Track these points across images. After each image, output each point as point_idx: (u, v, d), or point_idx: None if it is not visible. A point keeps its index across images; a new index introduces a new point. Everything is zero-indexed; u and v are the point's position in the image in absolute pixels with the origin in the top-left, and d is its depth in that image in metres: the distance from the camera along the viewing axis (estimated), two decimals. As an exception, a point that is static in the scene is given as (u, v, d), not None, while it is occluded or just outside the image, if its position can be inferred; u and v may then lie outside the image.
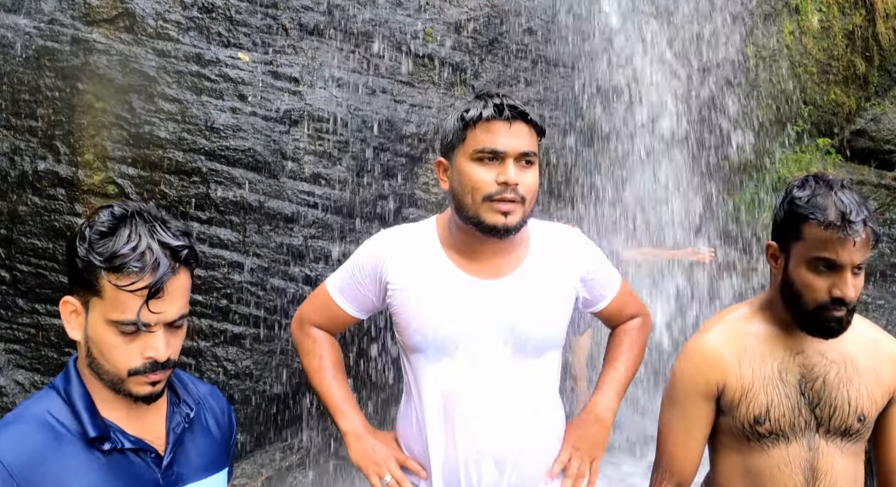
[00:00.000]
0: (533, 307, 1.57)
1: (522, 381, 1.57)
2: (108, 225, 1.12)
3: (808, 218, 1.40)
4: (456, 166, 1.54)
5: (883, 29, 4.77)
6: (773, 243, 1.51)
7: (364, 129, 3.56)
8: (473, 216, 1.50)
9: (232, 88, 3.38)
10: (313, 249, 3.42)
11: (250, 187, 3.35)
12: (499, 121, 1.49)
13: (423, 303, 1.56)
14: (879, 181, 4.33)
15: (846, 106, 4.61)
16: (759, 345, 1.53)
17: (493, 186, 1.47)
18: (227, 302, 3.33)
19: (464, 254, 1.58)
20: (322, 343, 1.73)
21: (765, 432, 1.50)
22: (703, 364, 1.53)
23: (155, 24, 3.39)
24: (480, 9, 3.87)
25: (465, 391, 1.55)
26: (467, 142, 1.51)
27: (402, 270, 1.60)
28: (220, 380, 3.34)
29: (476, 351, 1.55)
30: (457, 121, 1.54)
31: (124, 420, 1.18)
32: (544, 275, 1.61)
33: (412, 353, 1.60)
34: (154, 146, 3.29)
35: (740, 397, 1.50)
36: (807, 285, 1.43)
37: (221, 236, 3.33)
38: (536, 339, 1.57)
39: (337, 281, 1.71)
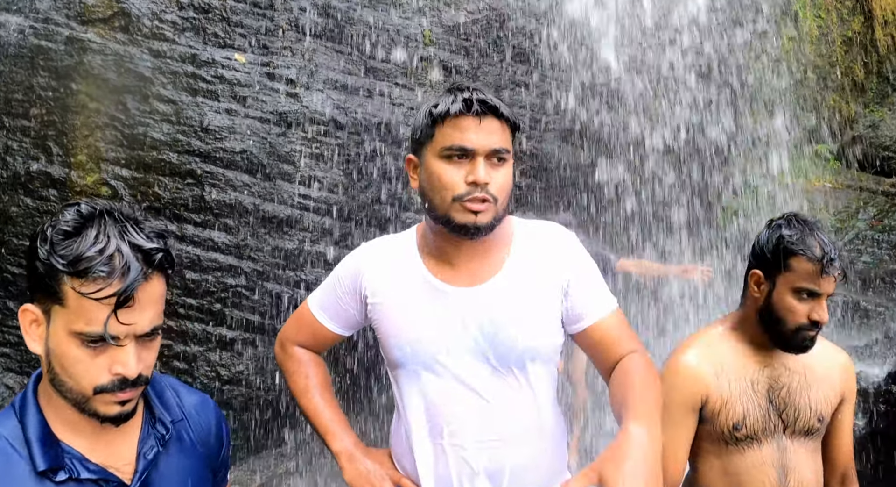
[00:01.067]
0: (513, 316, 1.48)
1: (509, 395, 1.49)
2: (73, 225, 0.99)
3: (796, 253, 1.66)
4: (425, 165, 1.45)
5: (881, 35, 4.77)
6: (759, 272, 1.74)
7: (361, 132, 3.53)
8: (443, 216, 1.43)
9: (228, 89, 3.35)
10: (309, 253, 3.39)
11: (245, 189, 3.32)
12: (468, 117, 1.39)
13: (399, 316, 1.51)
14: (878, 188, 4.33)
15: (844, 112, 4.60)
16: (733, 360, 1.77)
17: (462, 186, 1.40)
18: (221, 306, 3.30)
19: (440, 260, 1.52)
20: (306, 363, 1.67)
21: (742, 436, 1.73)
22: (688, 379, 1.73)
23: (150, 25, 3.37)
24: (479, 11, 3.86)
25: (450, 406, 1.49)
26: (436, 139, 1.42)
27: (380, 283, 1.55)
28: (213, 385, 3.31)
29: (456, 365, 1.48)
30: (425, 117, 1.45)
31: (88, 445, 1.07)
32: (526, 279, 1.51)
33: (395, 368, 1.55)
34: (148, 148, 3.27)
35: (720, 407, 1.72)
36: (790, 309, 1.68)
37: (216, 240, 3.30)
38: (519, 350, 1.48)
39: (318, 298, 1.66)
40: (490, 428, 1.48)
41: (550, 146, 4.09)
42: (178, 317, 3.29)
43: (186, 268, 3.27)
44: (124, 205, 3.20)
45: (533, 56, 3.96)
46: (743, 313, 1.80)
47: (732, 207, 4.23)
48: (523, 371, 1.49)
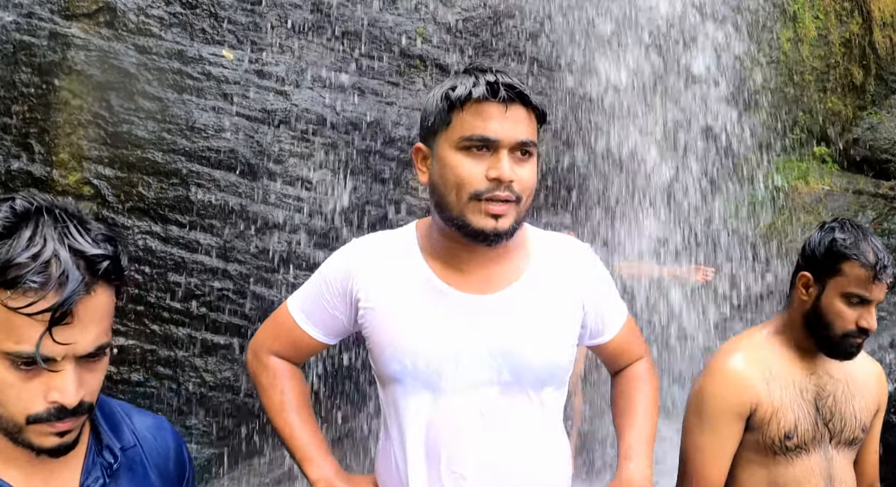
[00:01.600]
0: (531, 330, 1.31)
1: (520, 419, 1.32)
2: (5, 224, 0.84)
3: (850, 258, 1.62)
4: (438, 155, 1.27)
5: (879, 37, 4.73)
6: (808, 275, 1.70)
7: (352, 131, 3.46)
8: (457, 217, 1.24)
9: (215, 86, 3.27)
10: (297, 255, 3.31)
11: (232, 189, 3.24)
12: (492, 103, 1.22)
13: (398, 324, 1.32)
14: (876, 191, 4.28)
15: (843, 114, 4.56)
16: (781, 367, 1.71)
17: (482, 182, 1.22)
18: (207, 310, 3.22)
19: (448, 264, 1.33)
20: (283, 376, 1.45)
21: (792, 446, 1.67)
22: (736, 385, 1.67)
23: (136, 20, 3.30)
24: (474, 9, 3.80)
25: (452, 429, 1.30)
26: (452, 127, 1.24)
27: (375, 285, 1.35)
28: (199, 392, 3.23)
29: (463, 382, 1.30)
30: (440, 100, 1.27)
31: (24, 477, 0.93)
32: (547, 290, 1.35)
33: (388, 384, 1.36)
34: (132, 146, 3.19)
35: (771, 415, 1.66)
36: (839, 314, 1.64)
37: (201, 241, 3.22)
38: (536, 368, 1.31)
39: (300, 300, 1.44)
40: (495, 454, 1.31)
41: (545, 147, 4.04)
42: (162, 321, 3.21)
43: (171, 270, 3.19)
44: (69, 201, 3.12)
45: (528, 55, 3.89)
46: (788, 316, 1.75)
47: (731, 209, 4.18)
48: (537, 393, 1.33)
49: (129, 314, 3.19)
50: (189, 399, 3.24)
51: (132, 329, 3.20)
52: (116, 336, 3.18)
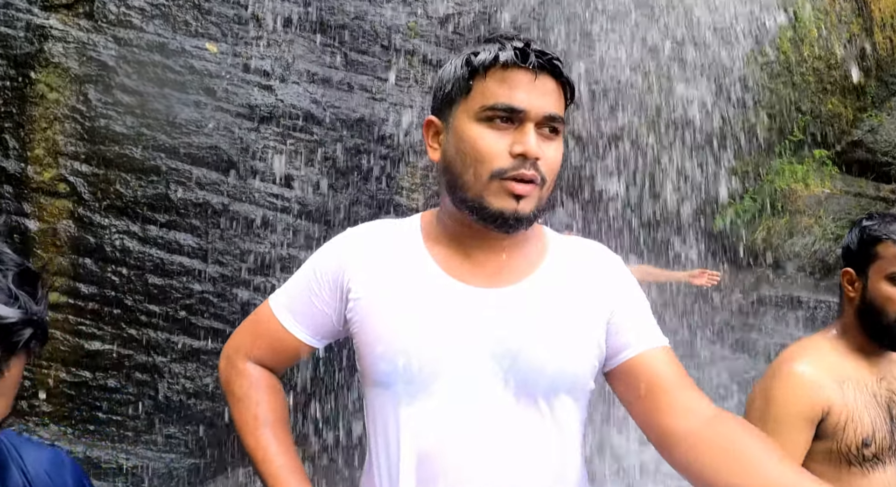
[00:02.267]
0: (545, 330, 1.13)
1: (530, 433, 1.13)
2: None
3: (882, 239, 1.61)
4: (454, 128, 1.12)
5: (880, 39, 4.66)
6: (850, 270, 1.69)
7: (340, 128, 3.34)
8: (474, 198, 1.09)
9: (197, 80, 3.16)
10: (281, 257, 3.21)
11: (214, 188, 3.13)
12: (521, 70, 1.08)
13: (390, 318, 1.14)
14: (877, 194, 4.22)
15: (843, 117, 4.49)
16: (851, 370, 1.65)
17: (505, 158, 1.08)
18: (186, 314, 3.11)
19: (453, 252, 1.17)
20: (260, 387, 1.27)
21: (869, 455, 1.58)
22: (807, 388, 1.59)
23: (117, 11, 3.20)
24: (468, 3, 3.70)
25: (453, 445, 1.12)
26: (473, 95, 1.10)
27: (367, 275, 1.18)
28: (177, 399, 3.11)
29: (463, 388, 1.12)
30: (461, 66, 1.12)
31: None
32: (566, 288, 1.18)
33: (376, 388, 1.17)
34: (110, 142, 3.08)
35: (846, 420, 1.58)
36: (888, 297, 1.60)
37: (181, 242, 3.11)
38: (548, 375, 1.13)
39: (284, 297, 1.28)
40: (502, 476, 1.12)
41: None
42: (139, 325, 3.09)
43: (149, 272, 3.07)
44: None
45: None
46: (844, 319, 1.73)
47: (730, 212, 4.10)
48: (550, 404, 1.14)
49: (106, 318, 3.07)
50: (167, 407, 3.12)
51: (108, 333, 3.08)
52: (92, 341, 3.06)
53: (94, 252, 3.07)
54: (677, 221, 3.94)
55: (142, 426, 3.12)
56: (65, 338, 3.05)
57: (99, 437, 3.10)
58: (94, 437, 3.10)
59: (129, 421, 3.12)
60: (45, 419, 3.06)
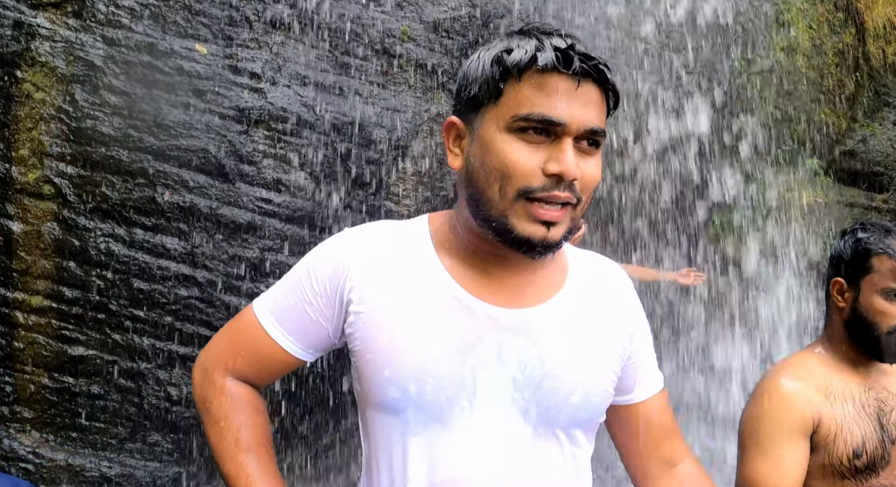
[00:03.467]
0: (569, 357, 1.04)
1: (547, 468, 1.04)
2: None
3: (878, 253, 1.60)
4: (480, 136, 0.98)
5: (873, 48, 4.68)
6: (841, 280, 1.68)
7: (330, 132, 3.30)
8: (498, 219, 0.97)
9: (186, 82, 3.11)
10: (270, 262, 3.15)
11: (201, 191, 3.07)
12: (561, 75, 0.94)
13: (400, 337, 1.01)
14: (869, 203, 4.24)
15: (836, 126, 4.50)
16: (839, 383, 1.65)
17: (537, 176, 0.94)
18: (172, 319, 3.05)
19: (469, 267, 1.05)
20: (241, 407, 1.12)
21: (862, 466, 1.58)
22: (796, 402, 1.60)
23: (106, 10, 3.15)
24: (461, 8, 3.68)
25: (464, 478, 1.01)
26: (504, 100, 0.96)
27: (373, 284, 1.05)
28: (162, 406, 3.05)
29: (481, 418, 1.01)
30: (490, 64, 0.97)
31: None
32: (589, 312, 1.09)
33: (381, 414, 1.04)
34: (96, 143, 3.03)
35: (836, 432, 1.58)
36: (880, 311, 1.60)
37: (167, 246, 3.05)
38: (572, 406, 1.04)
39: (272, 301, 1.13)
40: None
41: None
42: (124, 331, 3.03)
43: (134, 276, 3.01)
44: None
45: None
46: (830, 331, 1.73)
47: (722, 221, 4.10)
48: (569, 437, 1.06)
49: (90, 323, 3.01)
50: (152, 414, 3.06)
51: (92, 339, 3.02)
52: (75, 346, 3.01)
53: (79, 255, 3.01)
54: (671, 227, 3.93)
55: (125, 433, 3.06)
56: (47, 343, 2.99)
57: (81, 445, 3.04)
58: (76, 445, 3.03)
59: (112, 428, 3.06)
60: (27, 426, 2.99)
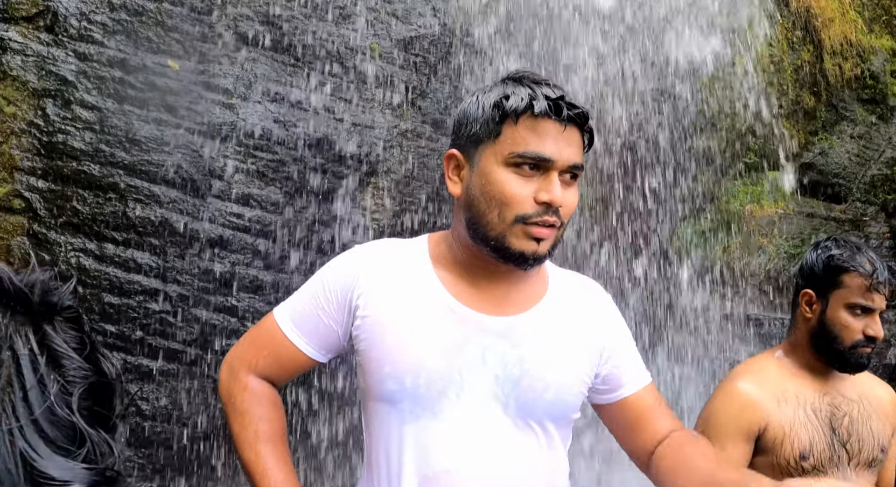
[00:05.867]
0: (547, 359, 1.22)
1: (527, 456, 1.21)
2: None
3: (849, 270, 1.70)
4: (480, 169, 1.18)
5: (830, 65, 4.84)
6: (810, 291, 1.77)
7: (301, 147, 3.34)
8: (497, 238, 1.17)
9: (158, 97, 3.13)
10: (241, 277, 3.17)
11: (173, 206, 3.09)
12: (552, 120, 1.15)
13: (400, 339, 1.21)
14: (829, 214, 4.38)
15: (796, 140, 4.65)
16: (793, 388, 1.74)
17: (530, 204, 1.15)
18: (143, 334, 3.05)
19: (461, 279, 1.24)
20: (261, 402, 1.29)
21: (808, 467, 1.67)
22: (746, 406, 1.69)
23: (78, 25, 3.17)
24: (430, 26, 3.75)
25: (453, 463, 1.18)
26: (502, 139, 1.16)
27: (378, 293, 1.24)
28: (133, 421, 3.05)
29: (466, 409, 1.19)
30: (490, 108, 1.17)
31: None
32: (565, 321, 1.26)
33: (380, 405, 1.22)
34: (68, 158, 3.03)
35: (783, 436, 1.68)
36: (845, 326, 1.70)
37: (138, 260, 3.06)
38: (546, 402, 1.21)
39: (290, 308, 1.32)
40: None
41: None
42: (95, 344, 3.03)
43: (105, 291, 3.01)
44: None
45: (485, 74, 3.86)
46: (794, 338, 1.81)
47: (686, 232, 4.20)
48: (543, 428, 1.24)
49: (60, 337, 3.00)
50: (123, 428, 3.06)
51: (63, 353, 3.01)
52: (45, 360, 2.99)
53: (49, 270, 3.01)
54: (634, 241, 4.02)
55: None
56: (16, 358, 2.98)
57: (51, 459, 3.02)
58: (45, 460, 3.02)
59: (82, 443, 3.05)
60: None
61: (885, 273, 1.71)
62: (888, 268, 1.74)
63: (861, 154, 4.82)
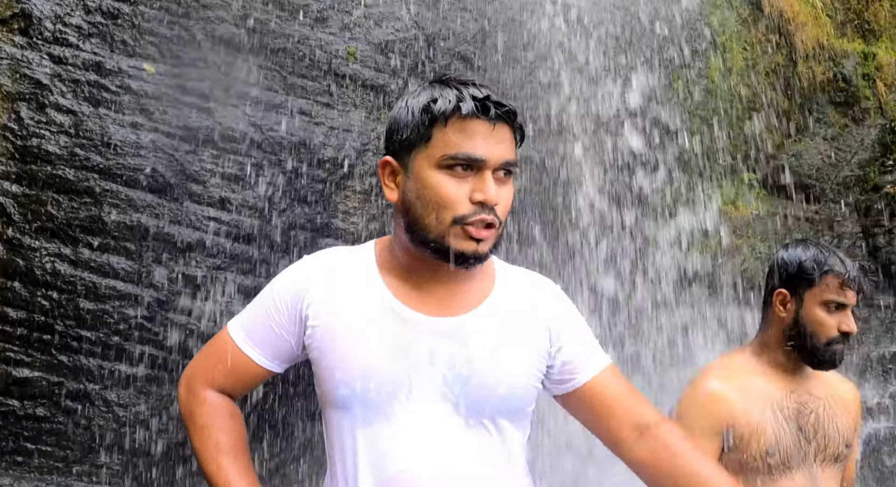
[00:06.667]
0: (494, 357, 1.23)
1: (480, 452, 1.22)
2: None
3: (823, 269, 1.75)
4: (414, 173, 1.19)
5: (803, 68, 4.93)
6: (784, 291, 1.81)
7: (278, 151, 3.33)
8: (436, 239, 1.18)
9: (134, 100, 3.11)
10: (218, 281, 3.16)
11: (149, 210, 3.07)
12: (479, 120, 1.16)
13: (349, 345, 1.22)
14: (803, 214, 4.47)
15: (770, 142, 4.72)
16: (760, 386, 1.79)
17: (466, 205, 1.16)
18: (120, 339, 3.02)
19: (406, 282, 1.25)
20: (220, 414, 1.31)
21: (775, 464, 1.72)
22: (713, 404, 1.73)
23: (53, 28, 3.14)
24: (407, 30, 3.76)
25: (407, 464, 1.19)
26: (433, 143, 1.17)
27: (326, 302, 1.25)
28: (110, 427, 3.02)
29: (416, 411, 1.20)
30: (419, 113, 1.18)
31: None
32: (511, 318, 1.27)
33: (336, 410, 1.24)
34: (42, 162, 3.00)
35: (750, 434, 1.72)
36: (821, 323, 1.74)
37: (114, 265, 3.03)
38: (496, 398, 1.23)
39: (243, 321, 1.34)
40: None
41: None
42: (70, 351, 2.99)
43: (81, 297, 2.98)
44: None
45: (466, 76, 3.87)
46: (765, 336, 1.85)
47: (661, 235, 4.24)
48: (496, 425, 1.25)
49: (35, 344, 2.97)
50: (99, 436, 3.01)
51: (38, 360, 2.98)
52: (20, 368, 2.96)
53: (24, 275, 2.97)
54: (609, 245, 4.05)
55: (73, 456, 3.02)
56: (-10, 365, 2.94)
57: (27, 469, 2.98)
58: (21, 469, 2.98)
59: (59, 452, 3.01)
60: (-32, 451, 2.93)
61: (855, 270, 1.77)
62: (858, 266, 1.80)
63: (834, 156, 4.91)
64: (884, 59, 5.29)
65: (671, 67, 4.31)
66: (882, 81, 5.18)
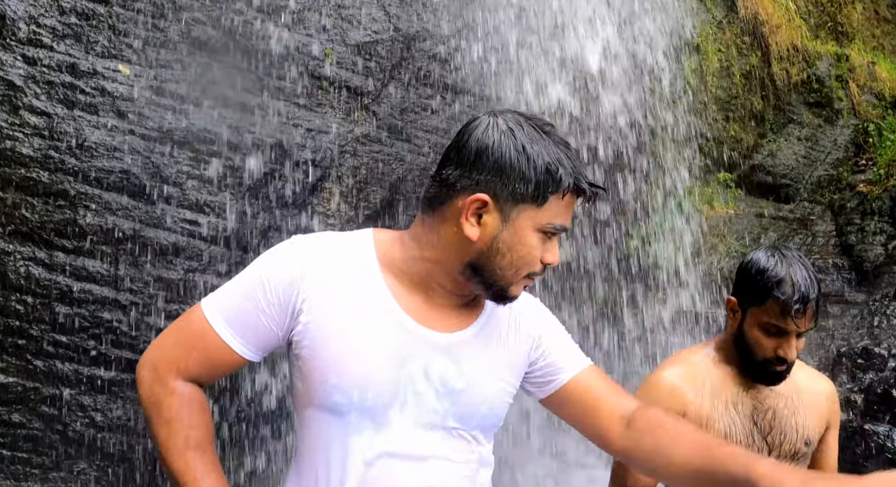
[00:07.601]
0: (484, 375, 1.28)
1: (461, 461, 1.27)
2: None
3: (768, 292, 1.67)
4: (516, 227, 1.19)
5: (777, 70, 5.00)
6: (734, 299, 1.77)
7: (255, 153, 3.33)
8: (503, 287, 1.24)
9: (109, 102, 3.09)
10: (195, 284, 3.14)
11: (124, 213, 3.05)
12: (576, 198, 1.25)
13: (347, 350, 1.18)
14: (777, 213, 4.53)
15: (745, 142, 4.79)
16: (714, 380, 1.78)
17: (538, 263, 1.24)
18: (96, 344, 3.00)
19: (413, 291, 1.25)
20: (192, 407, 1.22)
21: None
22: (665, 394, 1.74)
23: (27, 29, 3.10)
24: (385, 31, 3.77)
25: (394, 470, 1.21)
26: (546, 208, 1.19)
27: (322, 297, 1.19)
28: (87, 433, 2.99)
29: (406, 422, 1.21)
30: (542, 173, 1.17)
31: None
32: (501, 335, 1.33)
33: (324, 414, 1.20)
34: (16, 164, 2.96)
35: (699, 425, 1.71)
36: (757, 343, 1.71)
37: (90, 269, 3.01)
38: (481, 414, 1.28)
39: (223, 306, 1.22)
40: None
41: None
42: (46, 356, 2.96)
43: (56, 301, 2.95)
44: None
45: (441, 80, 3.89)
46: (726, 335, 1.85)
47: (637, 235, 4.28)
48: (474, 437, 1.29)
49: (9, 349, 2.93)
50: (77, 442, 2.99)
51: (12, 365, 2.94)
52: (-6, 373, 2.93)
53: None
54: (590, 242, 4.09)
55: (49, 462, 2.99)
56: (-36, 371, 2.90)
57: (3, 476, 2.95)
58: (-4, 475, 2.95)
59: (35, 458, 2.98)
60: (-58, 458, 2.89)
61: (803, 301, 1.65)
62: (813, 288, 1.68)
63: (808, 155, 4.99)
64: (856, 60, 5.39)
65: (646, 68, 4.36)
66: (855, 83, 5.28)
